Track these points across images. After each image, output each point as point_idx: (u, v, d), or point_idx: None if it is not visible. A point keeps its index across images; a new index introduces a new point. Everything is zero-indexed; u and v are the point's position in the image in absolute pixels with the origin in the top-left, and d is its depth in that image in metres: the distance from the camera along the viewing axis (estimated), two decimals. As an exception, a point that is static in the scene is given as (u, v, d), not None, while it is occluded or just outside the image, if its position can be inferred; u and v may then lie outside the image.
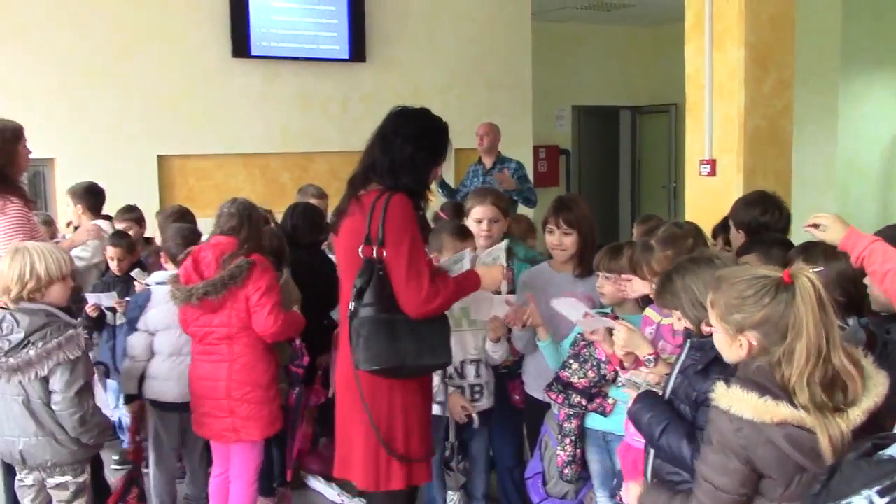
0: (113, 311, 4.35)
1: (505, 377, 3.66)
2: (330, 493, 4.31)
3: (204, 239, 3.80)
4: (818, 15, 7.70)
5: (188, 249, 3.63)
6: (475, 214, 3.76)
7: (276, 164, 7.71)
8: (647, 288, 2.90)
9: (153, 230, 5.10)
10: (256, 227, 3.63)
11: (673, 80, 7.07)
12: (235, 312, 3.47)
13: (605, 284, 3.12)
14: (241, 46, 7.29)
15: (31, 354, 3.02)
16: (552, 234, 3.44)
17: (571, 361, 3.08)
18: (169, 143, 7.14)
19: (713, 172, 5.33)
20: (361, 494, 3.96)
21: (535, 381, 3.45)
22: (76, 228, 4.91)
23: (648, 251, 2.87)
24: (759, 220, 3.58)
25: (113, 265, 4.49)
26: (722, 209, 4.30)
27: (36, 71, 6.56)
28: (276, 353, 3.66)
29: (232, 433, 3.53)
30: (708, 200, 5.29)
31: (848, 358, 1.92)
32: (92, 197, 5.07)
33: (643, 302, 3.01)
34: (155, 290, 3.79)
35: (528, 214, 5.91)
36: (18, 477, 3.25)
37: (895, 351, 2.46)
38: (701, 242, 2.98)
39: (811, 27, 7.16)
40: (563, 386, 3.09)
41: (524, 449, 3.84)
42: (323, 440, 4.48)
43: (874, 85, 8.42)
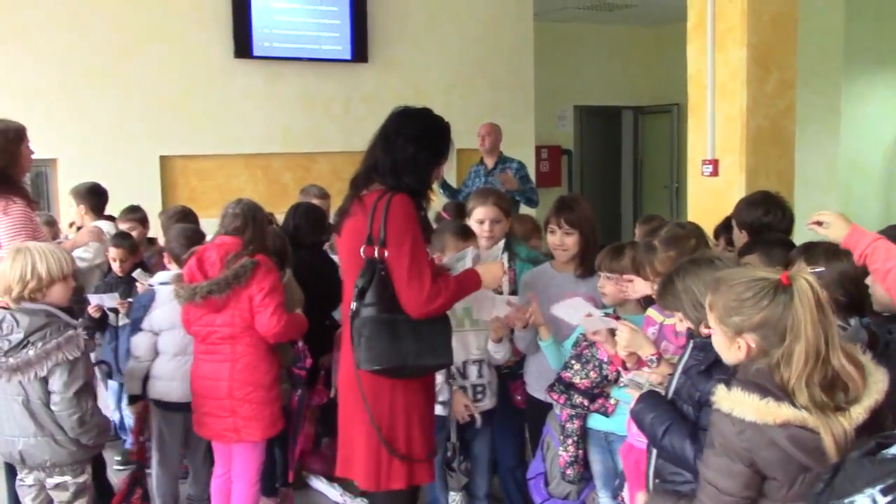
0: (115, 311, 4.34)
1: (506, 377, 3.66)
2: (332, 493, 4.31)
3: (208, 239, 3.80)
4: (821, 15, 7.69)
5: (192, 249, 3.63)
6: (477, 215, 3.75)
7: (278, 164, 7.70)
8: (648, 288, 2.90)
9: (156, 230, 5.10)
10: (261, 227, 3.64)
11: (675, 80, 7.07)
12: (239, 312, 3.47)
13: (606, 284, 3.12)
14: (243, 47, 7.29)
15: (30, 355, 3.02)
16: (554, 234, 3.45)
17: (573, 362, 3.08)
18: (171, 143, 7.14)
19: (715, 172, 5.33)
20: (363, 494, 3.95)
21: (536, 381, 3.45)
22: (79, 229, 4.91)
23: (651, 252, 2.87)
24: (761, 220, 3.58)
25: (115, 266, 4.49)
26: (724, 209, 4.29)
27: (39, 71, 6.57)
28: (278, 353, 3.66)
29: (233, 433, 3.52)
30: (710, 200, 5.29)
31: (847, 358, 1.91)
32: (94, 197, 5.07)
33: (645, 302, 3.01)
34: (159, 290, 3.79)
35: (531, 214, 5.90)
36: (19, 477, 3.25)
37: (897, 351, 2.46)
38: (703, 243, 2.98)
39: (814, 27, 7.16)
40: (565, 386, 3.09)
41: (526, 449, 3.83)
42: (325, 440, 4.47)
43: (877, 85, 8.41)
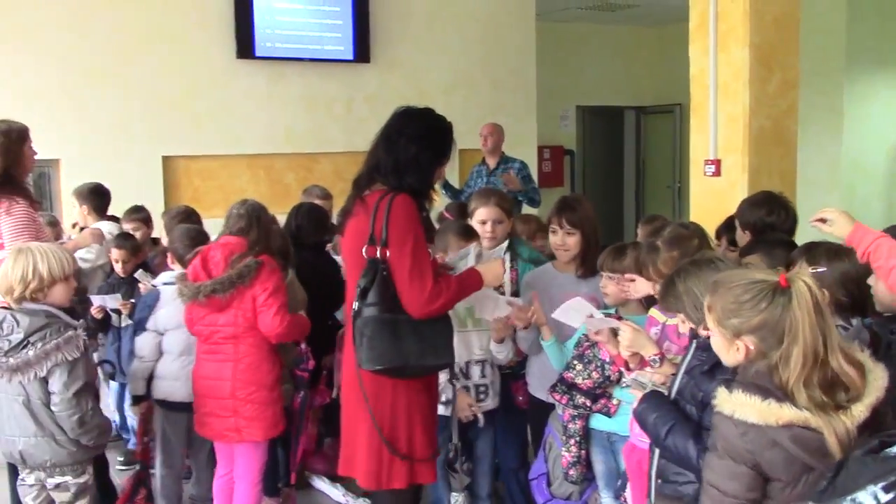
0: (118, 312, 4.35)
1: (508, 378, 3.65)
2: (335, 493, 4.31)
3: (213, 239, 3.80)
4: (823, 15, 7.69)
5: (196, 249, 3.63)
6: (479, 216, 3.75)
7: (280, 164, 7.71)
8: (649, 288, 2.90)
9: (160, 231, 5.11)
10: (266, 229, 3.64)
11: (677, 80, 7.08)
12: (242, 312, 3.47)
13: (608, 284, 3.12)
14: (245, 47, 7.30)
15: (30, 355, 3.02)
16: (555, 234, 3.45)
17: (575, 362, 3.08)
18: (173, 143, 7.15)
19: (718, 172, 5.33)
20: (366, 495, 3.96)
21: (538, 381, 3.45)
22: (82, 229, 4.92)
23: (654, 252, 2.87)
24: (764, 220, 3.57)
25: (117, 267, 4.49)
26: (727, 209, 4.29)
27: (42, 72, 6.58)
28: (280, 354, 3.67)
29: (235, 433, 3.52)
30: (712, 200, 5.28)
31: (846, 359, 1.91)
32: (97, 198, 5.08)
33: (647, 302, 3.01)
34: (164, 290, 3.79)
35: (536, 215, 5.90)
36: (20, 476, 3.25)
37: (900, 351, 2.45)
38: (705, 244, 2.98)
39: (816, 27, 7.15)
40: (567, 387, 3.09)
41: (528, 450, 3.83)
42: (328, 440, 4.48)
43: (879, 85, 8.41)
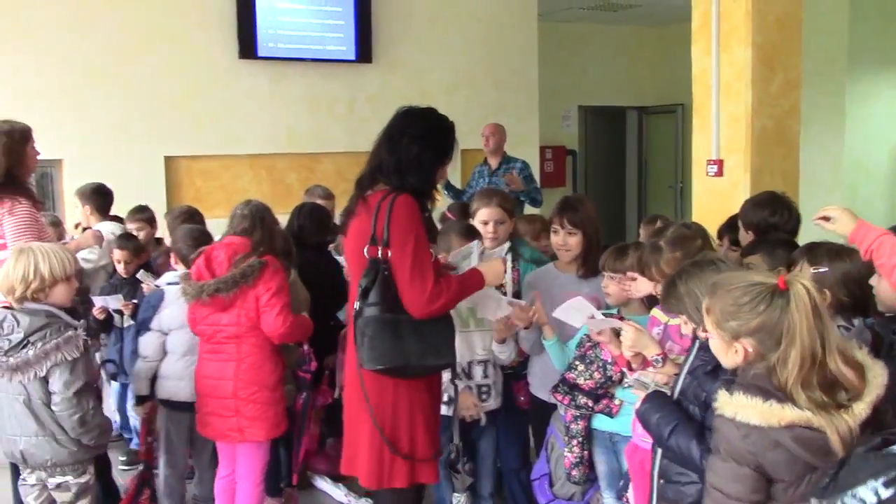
0: (120, 313, 4.35)
1: (510, 378, 3.65)
2: (337, 493, 4.31)
3: (216, 240, 3.81)
4: (825, 15, 7.68)
5: (200, 249, 3.63)
6: (481, 216, 3.75)
7: (282, 164, 7.72)
8: (651, 287, 2.89)
9: (163, 230, 5.11)
10: (269, 229, 3.64)
11: (680, 80, 7.07)
12: (245, 312, 3.48)
13: (609, 284, 3.12)
14: (247, 47, 7.31)
15: (29, 354, 3.02)
16: (557, 234, 3.45)
17: (577, 363, 3.08)
18: (176, 143, 7.16)
19: (720, 173, 5.33)
20: (368, 494, 3.96)
21: (540, 382, 3.44)
22: (85, 230, 4.92)
23: (657, 252, 2.86)
24: (768, 220, 3.57)
25: (119, 267, 4.49)
26: (729, 209, 4.29)
27: (44, 72, 6.59)
28: (283, 354, 3.67)
29: (237, 433, 3.52)
30: (715, 201, 5.28)
31: (844, 361, 1.91)
32: (100, 198, 5.08)
33: (649, 302, 3.01)
34: (168, 290, 3.80)
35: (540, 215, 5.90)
36: (22, 476, 3.25)
37: (902, 352, 2.45)
38: (707, 244, 2.98)
39: (818, 28, 7.15)
40: (569, 387, 3.09)
41: (529, 450, 3.83)
42: (330, 440, 4.48)
43: (881, 85, 8.39)
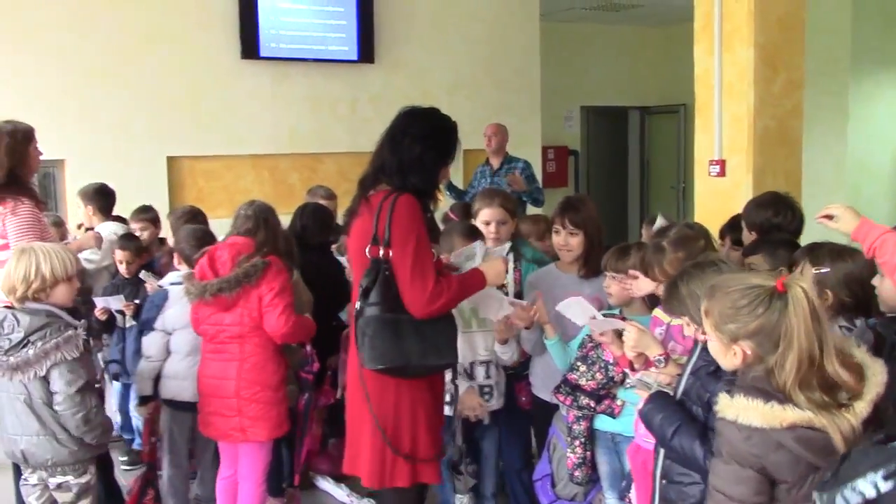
0: (122, 313, 4.35)
1: (511, 378, 3.64)
2: (339, 493, 4.31)
3: (220, 240, 3.81)
4: (828, 15, 7.67)
5: (204, 249, 3.64)
6: (483, 216, 3.75)
7: (284, 164, 7.71)
8: (652, 286, 2.89)
9: (166, 231, 5.11)
10: (273, 230, 3.65)
11: (682, 80, 7.07)
12: (248, 311, 3.48)
13: (611, 284, 3.12)
14: (249, 48, 7.30)
15: (29, 354, 3.02)
16: (558, 234, 3.45)
17: (579, 364, 3.08)
18: (178, 144, 7.16)
19: (722, 173, 5.32)
20: (370, 495, 3.96)
21: (542, 382, 3.44)
22: (88, 230, 4.93)
23: (660, 252, 2.86)
24: (771, 221, 3.56)
25: (122, 268, 4.50)
26: (731, 210, 4.28)
27: (46, 72, 6.59)
28: (286, 355, 3.67)
29: (239, 433, 3.52)
30: (717, 201, 5.27)
31: (842, 363, 1.91)
32: (102, 198, 5.08)
33: (651, 302, 3.01)
34: (171, 289, 3.81)
35: (545, 215, 5.89)
36: (23, 476, 3.25)
37: (905, 352, 2.45)
38: (709, 245, 2.98)
39: (821, 27, 7.14)
40: (571, 388, 3.09)
41: (531, 450, 3.82)
42: (332, 441, 4.48)
43: (884, 85, 8.38)
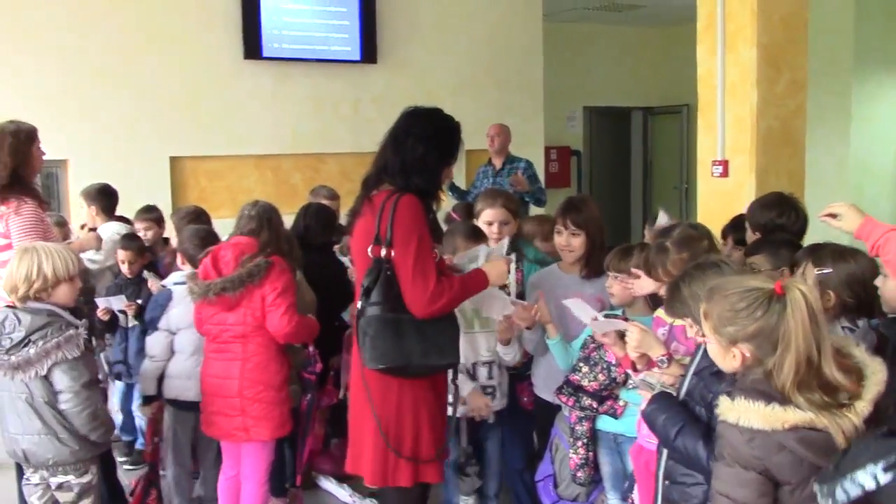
0: (124, 313, 4.36)
1: (513, 379, 3.64)
2: (341, 493, 4.31)
3: (223, 240, 3.81)
4: (831, 15, 7.66)
5: (207, 249, 3.64)
6: (485, 217, 3.75)
7: (287, 165, 7.72)
8: (653, 285, 2.89)
9: (170, 231, 5.11)
10: (276, 231, 3.65)
11: (685, 80, 7.05)
12: (251, 311, 3.48)
13: (613, 284, 3.12)
14: (252, 48, 7.30)
15: (30, 353, 3.03)
16: (560, 234, 3.45)
17: (581, 365, 3.08)
18: (181, 144, 7.16)
19: (725, 173, 5.31)
20: (373, 495, 3.96)
21: (544, 382, 3.44)
22: (92, 230, 4.94)
23: (663, 253, 2.85)
24: (775, 221, 3.55)
25: (124, 268, 4.50)
26: (734, 210, 4.28)
27: (49, 73, 6.59)
28: (289, 355, 3.67)
29: (242, 432, 3.53)
30: (720, 201, 5.27)
31: (839, 367, 1.91)
32: (105, 198, 5.08)
33: (653, 303, 3.00)
34: (175, 289, 3.81)
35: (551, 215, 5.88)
36: (25, 475, 3.25)
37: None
38: (712, 245, 2.97)
39: (824, 28, 7.13)
40: (573, 389, 3.08)
41: (533, 450, 3.82)
42: (334, 441, 4.48)
43: (887, 85, 8.37)
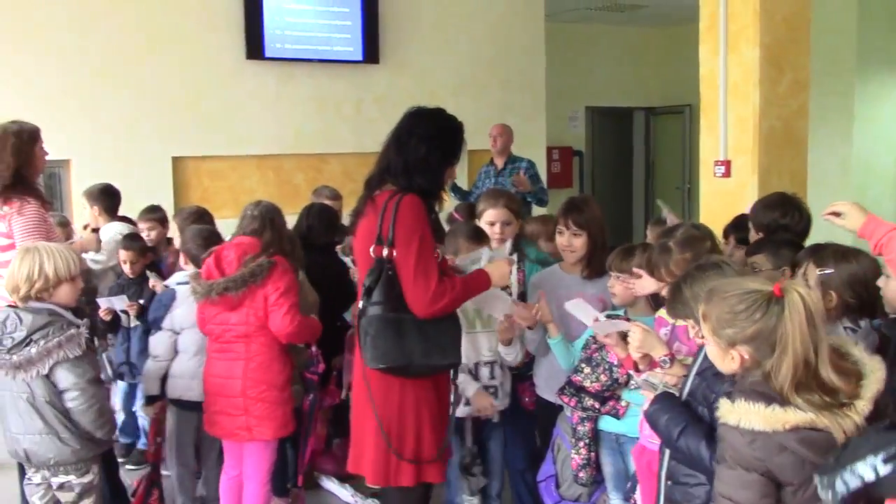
0: (126, 313, 4.36)
1: (515, 379, 3.63)
2: (343, 493, 4.31)
3: (226, 239, 3.82)
4: (833, 15, 7.65)
5: (210, 249, 3.65)
6: (487, 217, 3.75)
7: (289, 165, 7.72)
8: (655, 285, 2.88)
9: (173, 231, 5.12)
10: (279, 231, 3.66)
11: (687, 80, 7.05)
12: (254, 311, 3.49)
13: (615, 284, 3.11)
14: (255, 48, 7.31)
15: (32, 352, 3.03)
16: (562, 234, 3.44)
17: (583, 365, 3.08)
18: (183, 144, 7.16)
19: (728, 173, 5.31)
20: (374, 495, 3.96)
21: (546, 383, 3.44)
22: (94, 230, 4.94)
23: (666, 253, 2.84)
24: (778, 221, 3.55)
25: (126, 268, 4.51)
26: (736, 210, 4.28)
27: (51, 73, 6.60)
28: (291, 355, 3.67)
29: (245, 432, 3.53)
30: (722, 202, 5.27)
31: (836, 368, 1.91)
32: (108, 198, 5.09)
33: (655, 303, 3.00)
34: (179, 289, 3.81)
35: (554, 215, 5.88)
36: (27, 475, 3.25)
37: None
38: (714, 246, 2.97)
39: (826, 28, 7.12)
40: (575, 389, 3.08)
41: (536, 451, 3.82)
42: (336, 441, 4.48)
43: (890, 86, 8.36)
